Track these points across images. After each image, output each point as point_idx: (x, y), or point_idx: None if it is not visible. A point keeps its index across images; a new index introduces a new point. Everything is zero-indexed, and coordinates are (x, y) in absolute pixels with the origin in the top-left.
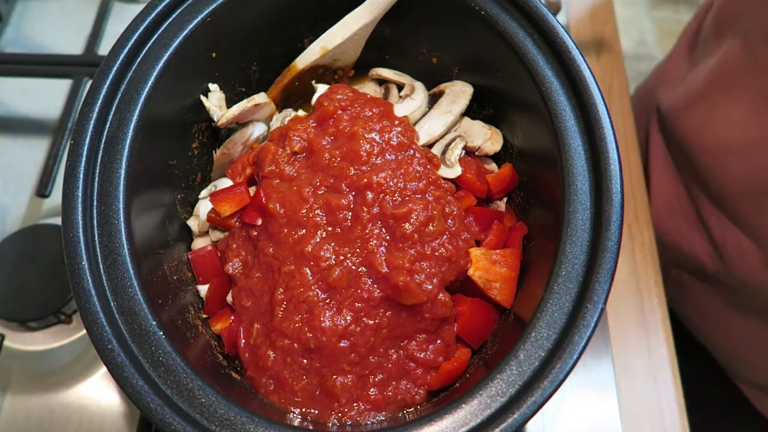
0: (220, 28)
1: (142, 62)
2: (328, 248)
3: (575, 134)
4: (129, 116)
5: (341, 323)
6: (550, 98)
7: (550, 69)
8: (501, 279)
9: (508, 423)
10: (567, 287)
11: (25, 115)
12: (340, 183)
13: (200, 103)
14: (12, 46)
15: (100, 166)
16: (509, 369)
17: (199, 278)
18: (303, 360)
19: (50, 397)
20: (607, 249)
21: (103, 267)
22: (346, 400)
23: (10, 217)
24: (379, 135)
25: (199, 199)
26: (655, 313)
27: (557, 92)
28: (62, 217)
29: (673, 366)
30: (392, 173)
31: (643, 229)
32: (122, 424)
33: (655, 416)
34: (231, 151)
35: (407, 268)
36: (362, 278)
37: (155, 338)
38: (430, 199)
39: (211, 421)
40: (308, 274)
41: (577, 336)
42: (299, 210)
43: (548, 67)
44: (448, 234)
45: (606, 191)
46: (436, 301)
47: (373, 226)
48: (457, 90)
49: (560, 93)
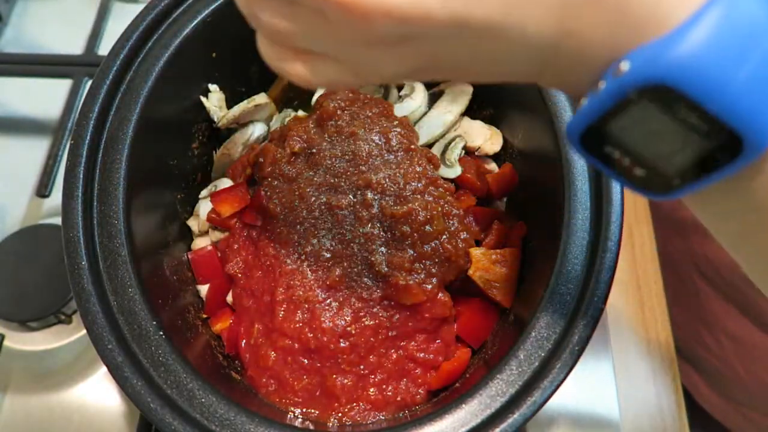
0: (220, 28)
1: (142, 62)
2: (328, 248)
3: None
4: (129, 116)
5: (341, 323)
6: (550, 98)
7: None
8: (501, 279)
9: (508, 423)
10: (567, 287)
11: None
12: (340, 183)
13: (200, 103)
14: (12, 46)
15: (100, 166)
16: (509, 369)
17: (199, 278)
18: (303, 360)
19: (50, 397)
20: (607, 249)
21: (103, 267)
22: (346, 400)
23: (10, 217)
24: (378, 135)
25: (199, 199)
26: (655, 313)
27: (557, 92)
28: (62, 217)
29: (673, 366)
30: (392, 173)
31: (643, 229)
32: (122, 424)
33: (655, 416)
34: (231, 151)
35: (407, 268)
36: (362, 278)
37: (155, 338)
38: (430, 199)
39: (211, 421)
40: (308, 274)
41: (577, 336)
42: (299, 210)
43: None
44: (447, 234)
45: (606, 191)
46: (435, 300)
47: (372, 226)
48: (457, 90)
49: (560, 92)
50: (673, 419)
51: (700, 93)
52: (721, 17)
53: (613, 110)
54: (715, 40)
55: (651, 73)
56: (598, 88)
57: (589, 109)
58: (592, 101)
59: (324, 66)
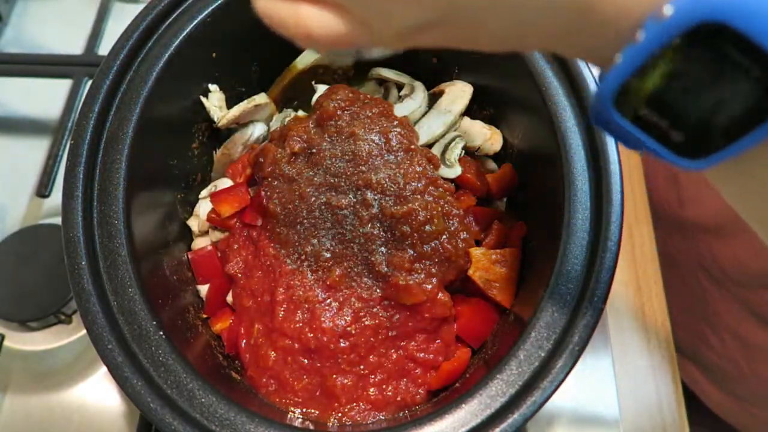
0: (220, 28)
1: (142, 62)
2: (328, 248)
3: (575, 134)
4: (129, 116)
5: (341, 323)
6: (550, 98)
7: (550, 69)
8: (501, 279)
9: (508, 423)
10: (567, 287)
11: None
12: (340, 183)
13: (200, 103)
14: (12, 46)
15: (100, 166)
16: (509, 369)
17: (199, 278)
18: (303, 360)
19: (50, 397)
20: (607, 249)
21: (103, 267)
22: (346, 400)
23: (10, 217)
24: (378, 135)
25: (199, 199)
26: (655, 313)
27: (557, 92)
28: (62, 217)
29: (673, 366)
30: (392, 173)
31: (643, 229)
32: (122, 424)
33: (655, 415)
34: (231, 151)
35: (407, 268)
36: (362, 278)
37: (155, 338)
38: (430, 199)
39: (211, 421)
40: (308, 274)
41: (577, 336)
42: (299, 210)
43: (548, 67)
44: (447, 234)
45: (606, 191)
46: (435, 300)
47: (372, 226)
48: (457, 90)
49: (560, 93)
50: (673, 418)
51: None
52: None
53: (653, 62)
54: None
55: (701, 11)
56: (636, 39)
57: (627, 62)
58: (629, 54)
59: (330, 16)
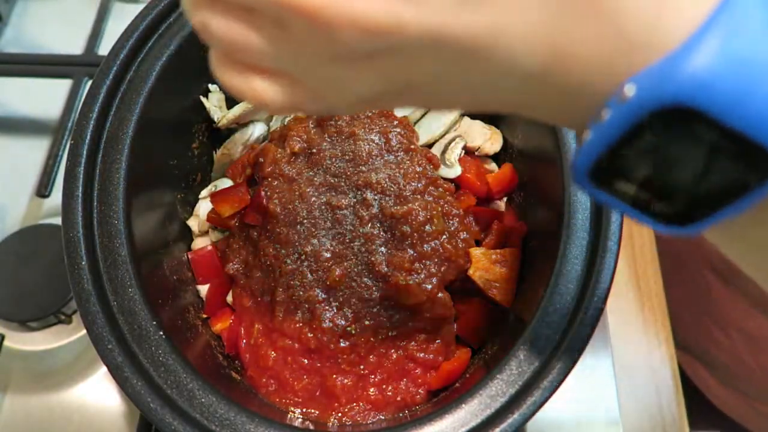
0: None
1: (142, 62)
2: (328, 248)
3: (575, 134)
4: (129, 116)
5: (341, 323)
6: None
7: None
8: (501, 279)
9: (508, 423)
10: (567, 287)
11: (25, 115)
12: (340, 183)
13: (200, 103)
14: (12, 46)
15: (100, 166)
16: (509, 369)
17: (199, 278)
18: (303, 360)
19: (50, 397)
20: (607, 249)
21: (103, 267)
22: (346, 400)
23: (10, 217)
24: (378, 135)
25: (199, 199)
26: (654, 312)
27: None
28: (62, 217)
29: (673, 366)
30: (392, 173)
31: (643, 229)
32: (122, 424)
33: (655, 415)
34: (231, 151)
35: (407, 268)
36: (362, 278)
37: (155, 338)
38: (430, 199)
39: (211, 421)
40: (308, 274)
41: (576, 336)
42: (299, 210)
43: None
44: (447, 234)
45: None
46: (435, 300)
47: (372, 226)
48: None
49: None
50: (673, 418)
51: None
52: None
53: (622, 140)
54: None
55: (663, 93)
56: (601, 118)
57: (595, 141)
58: (597, 133)
59: (281, 87)
